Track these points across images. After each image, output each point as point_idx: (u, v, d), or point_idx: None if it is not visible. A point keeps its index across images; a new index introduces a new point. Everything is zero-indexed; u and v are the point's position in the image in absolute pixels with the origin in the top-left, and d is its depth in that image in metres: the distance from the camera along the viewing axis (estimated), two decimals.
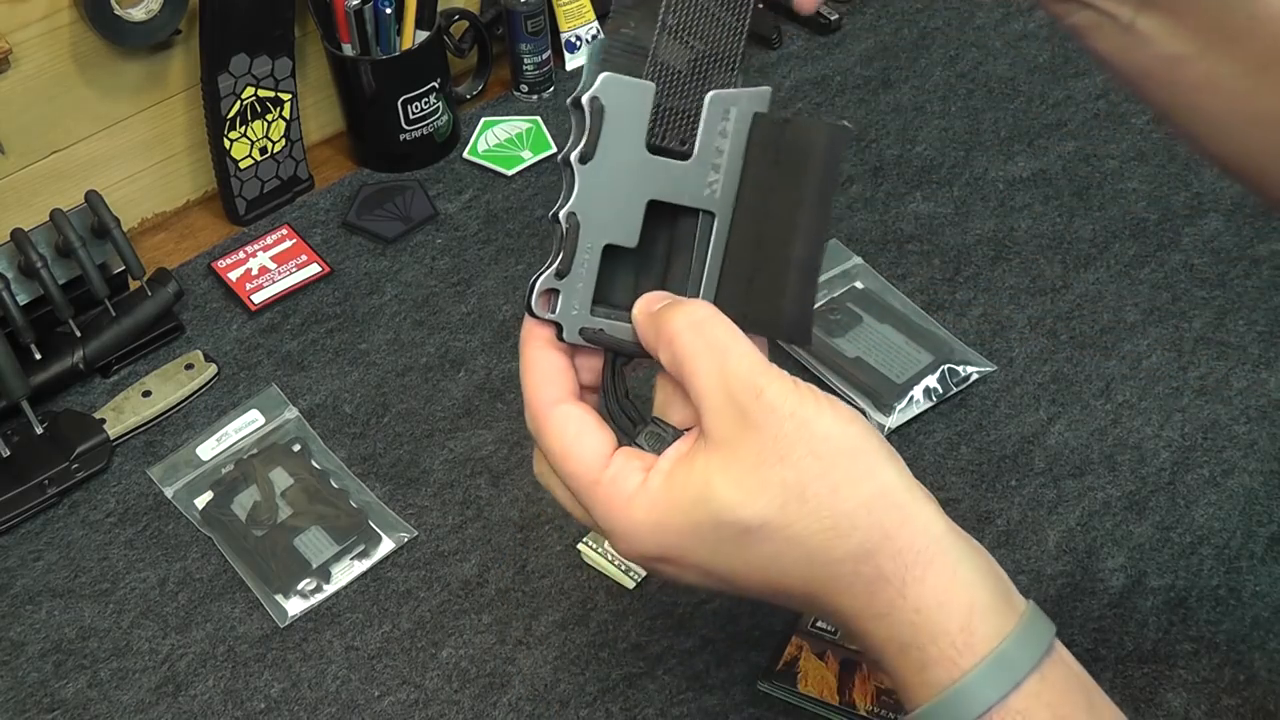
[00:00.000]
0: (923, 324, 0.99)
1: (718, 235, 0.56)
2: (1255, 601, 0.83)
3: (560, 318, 0.55)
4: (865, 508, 0.51)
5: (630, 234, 0.55)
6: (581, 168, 0.54)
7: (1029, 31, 1.25)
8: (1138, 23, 0.57)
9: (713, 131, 0.55)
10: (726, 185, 0.56)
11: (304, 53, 1.13)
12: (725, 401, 0.52)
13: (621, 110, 0.55)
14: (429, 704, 0.81)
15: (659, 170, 0.55)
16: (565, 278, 0.55)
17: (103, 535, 0.91)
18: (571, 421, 0.55)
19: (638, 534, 0.53)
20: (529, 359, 0.57)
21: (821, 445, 0.51)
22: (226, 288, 1.07)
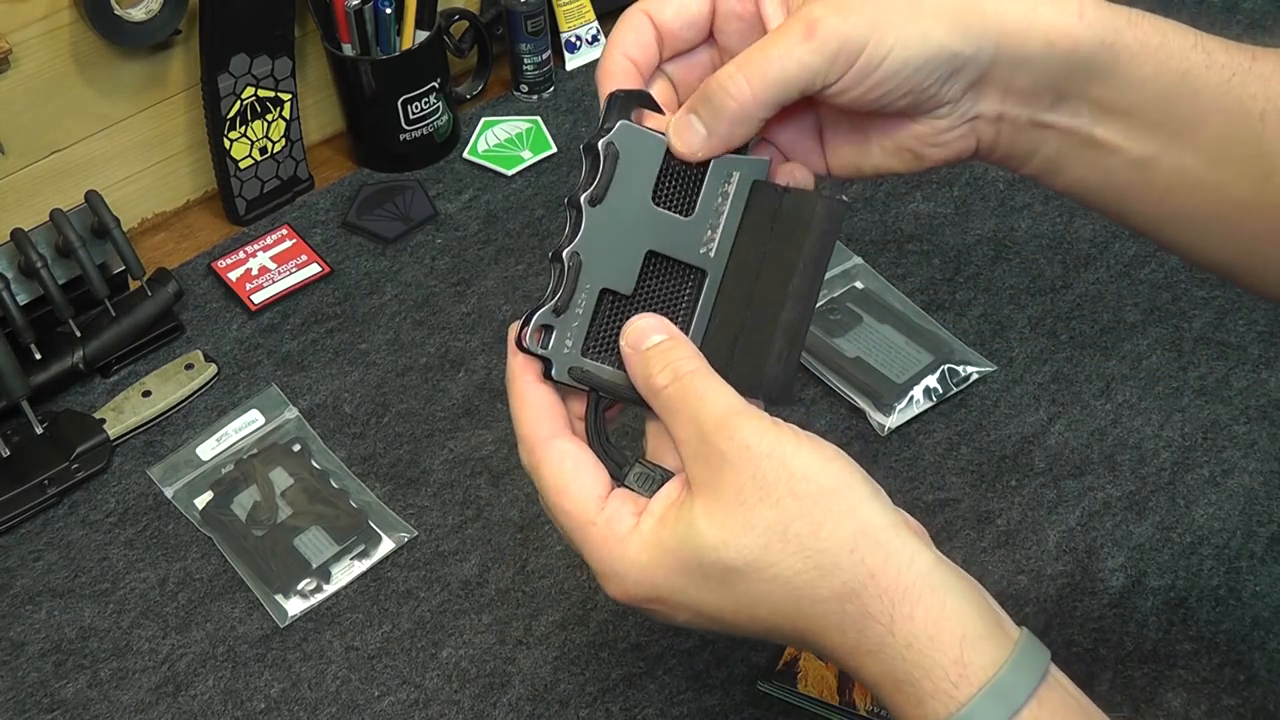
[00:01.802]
0: (923, 324, 0.99)
1: (708, 292, 0.58)
2: (1255, 601, 0.83)
3: (552, 354, 0.56)
4: (847, 547, 0.51)
5: (627, 280, 0.57)
6: (590, 210, 0.56)
7: None
8: (1097, 133, 0.57)
9: (714, 193, 0.57)
10: (721, 245, 0.58)
11: (304, 53, 1.13)
12: (702, 446, 0.53)
13: (633, 160, 0.56)
14: (429, 704, 0.81)
15: (660, 223, 0.57)
16: (562, 315, 0.56)
17: (103, 535, 0.91)
18: (568, 458, 0.56)
19: (629, 575, 0.54)
20: (521, 393, 0.57)
21: (801, 484, 0.52)
22: (226, 288, 1.07)
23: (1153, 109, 0.57)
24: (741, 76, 0.54)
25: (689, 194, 0.57)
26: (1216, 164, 0.58)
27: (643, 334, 0.56)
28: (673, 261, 0.57)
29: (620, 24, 0.59)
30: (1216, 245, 0.61)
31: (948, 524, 0.88)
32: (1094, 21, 0.55)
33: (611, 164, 0.56)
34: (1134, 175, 0.58)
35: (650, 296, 0.57)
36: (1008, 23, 0.54)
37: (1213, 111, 0.57)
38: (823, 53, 0.53)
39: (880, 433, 0.93)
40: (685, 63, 0.61)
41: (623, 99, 0.57)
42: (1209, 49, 0.57)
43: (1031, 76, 0.56)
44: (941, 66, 0.54)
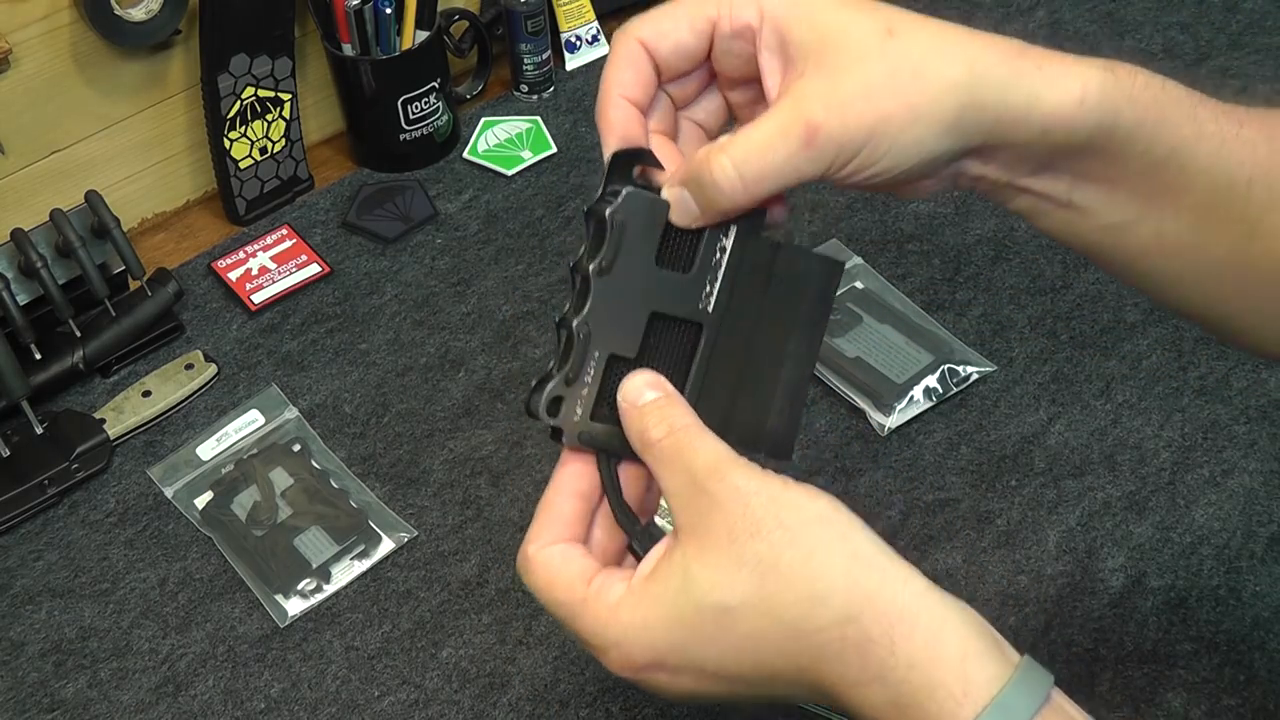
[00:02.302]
0: (923, 324, 0.99)
1: (704, 345, 0.58)
2: (1255, 601, 0.83)
3: (563, 423, 0.56)
4: (842, 572, 0.51)
5: (632, 345, 0.57)
6: (598, 280, 0.56)
7: (1029, 31, 1.25)
8: (1075, 198, 0.57)
9: (711, 247, 0.57)
10: (718, 299, 0.58)
11: (304, 53, 1.13)
12: (692, 491, 0.52)
13: (637, 225, 0.56)
14: (429, 704, 0.81)
15: (663, 283, 0.57)
16: (572, 385, 0.56)
17: (103, 535, 0.91)
18: (555, 557, 0.55)
19: (626, 637, 0.53)
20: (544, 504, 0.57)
21: (790, 515, 0.51)
22: (226, 288, 1.07)
23: (1138, 180, 0.56)
24: (735, 171, 0.54)
25: (689, 250, 0.57)
26: (1198, 228, 0.57)
27: (639, 391, 0.56)
28: (673, 320, 0.58)
29: (616, 56, 0.58)
30: (1190, 298, 0.61)
31: (948, 524, 0.88)
32: (1094, 107, 0.54)
33: (619, 235, 0.56)
34: (1109, 237, 0.58)
35: (653, 357, 0.57)
36: (1005, 115, 0.54)
37: (1199, 181, 0.56)
38: (820, 160, 0.53)
39: (880, 433, 0.93)
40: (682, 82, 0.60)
41: (625, 160, 0.56)
42: (1201, 119, 0.56)
43: (1019, 154, 0.56)
44: (932, 160, 0.54)
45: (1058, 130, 0.54)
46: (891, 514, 0.89)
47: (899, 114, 0.52)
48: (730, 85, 0.60)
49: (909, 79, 0.52)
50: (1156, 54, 1.21)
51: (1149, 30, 1.24)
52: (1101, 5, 1.27)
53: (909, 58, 0.53)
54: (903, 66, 0.53)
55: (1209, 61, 1.20)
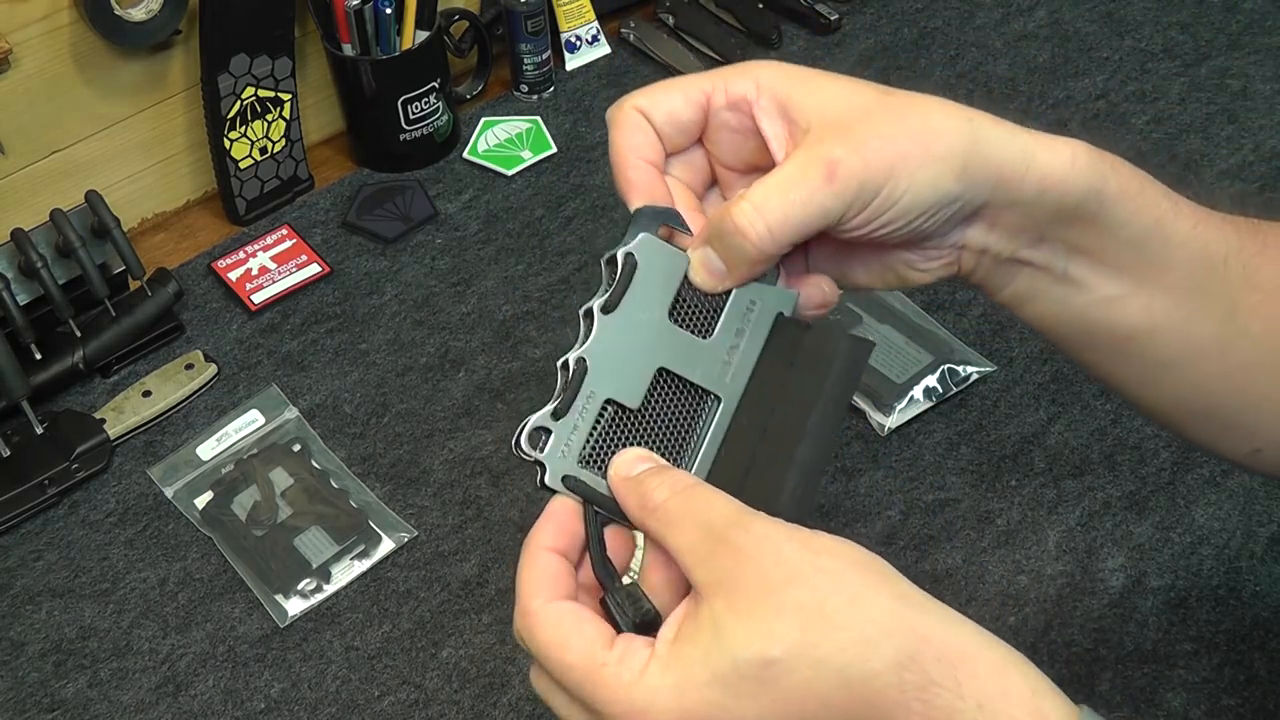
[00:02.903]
0: (923, 324, 0.99)
1: (720, 419, 0.55)
2: (1255, 601, 0.83)
3: (547, 458, 0.53)
4: (891, 614, 0.47)
5: (634, 394, 0.54)
6: (601, 317, 0.55)
7: (1029, 31, 1.25)
8: (1070, 270, 0.58)
9: (734, 318, 0.56)
10: (738, 373, 0.56)
11: (304, 53, 1.13)
12: (711, 545, 0.49)
13: (653, 273, 0.55)
14: (429, 704, 0.81)
15: (676, 340, 0.55)
16: (560, 420, 0.54)
17: (103, 535, 0.91)
18: (567, 615, 0.51)
19: (656, 703, 0.48)
20: (527, 558, 0.53)
21: (827, 561, 0.48)
22: (226, 288, 1.07)
23: (1126, 252, 0.58)
24: (760, 219, 0.53)
25: (709, 316, 0.56)
26: (1183, 303, 0.59)
27: (630, 464, 0.53)
28: (685, 382, 0.55)
29: (620, 123, 0.57)
30: (1174, 388, 0.61)
31: (948, 524, 0.88)
32: (1084, 168, 0.56)
33: (628, 274, 0.54)
34: (1101, 313, 0.59)
35: (658, 414, 0.55)
36: (1006, 168, 0.55)
37: (1180, 257, 0.58)
38: (843, 197, 0.52)
39: (880, 433, 0.93)
40: (680, 162, 0.60)
41: (649, 215, 0.55)
42: (1175, 199, 0.59)
43: (1021, 217, 0.56)
44: (945, 208, 0.55)
45: (1053, 190, 0.55)
46: (891, 514, 0.89)
47: (915, 153, 0.53)
48: (724, 168, 0.59)
49: (918, 125, 0.54)
50: (1156, 54, 1.21)
51: (1149, 30, 1.24)
52: (1101, 5, 1.27)
53: (913, 110, 0.54)
54: (910, 116, 0.54)
55: (1209, 61, 1.20)
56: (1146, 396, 0.63)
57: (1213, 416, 0.62)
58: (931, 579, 0.85)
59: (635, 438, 0.55)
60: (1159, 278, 0.58)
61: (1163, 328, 0.59)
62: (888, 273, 0.59)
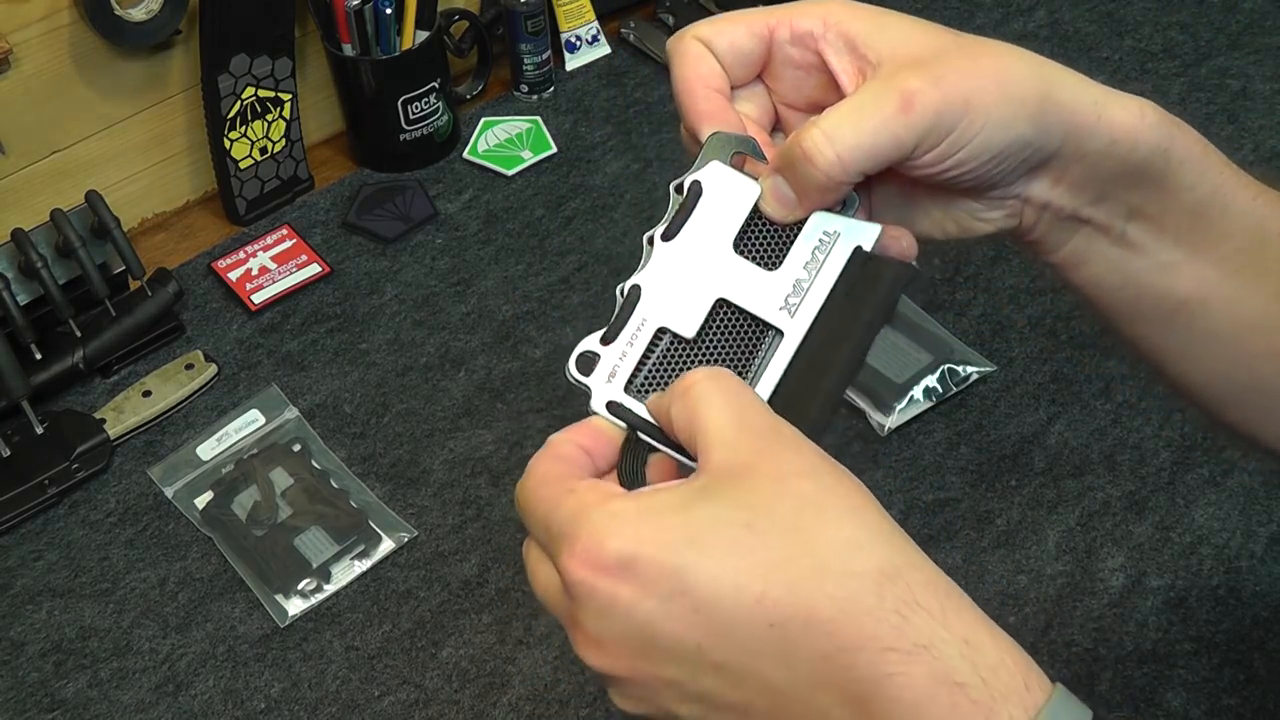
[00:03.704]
0: (923, 324, 0.99)
1: (781, 353, 0.53)
2: (1255, 601, 0.83)
3: (592, 383, 0.52)
4: (885, 536, 0.45)
5: (690, 324, 0.53)
6: (660, 244, 0.53)
7: (1029, 31, 1.25)
8: (1129, 232, 0.58)
9: (806, 251, 0.54)
10: (805, 310, 0.53)
11: (304, 53, 1.13)
12: (740, 434, 0.47)
13: (720, 202, 0.53)
14: (429, 704, 0.81)
15: (739, 271, 0.53)
16: (609, 345, 0.52)
17: (103, 535, 0.91)
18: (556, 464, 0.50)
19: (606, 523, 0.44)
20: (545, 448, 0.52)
21: (845, 478, 0.47)
22: (226, 288, 1.07)
23: (1185, 218, 0.57)
24: (829, 145, 0.51)
25: (779, 248, 0.54)
26: (1235, 276, 0.58)
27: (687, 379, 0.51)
28: (746, 314, 0.53)
29: (683, 55, 0.56)
30: (1218, 364, 0.61)
31: (948, 524, 0.88)
32: (1153, 125, 0.55)
33: (693, 201, 0.53)
34: (1155, 279, 0.58)
35: (714, 345, 0.53)
36: (1078, 116, 0.54)
37: (1237, 227, 0.58)
38: (917, 128, 0.51)
39: (880, 433, 0.93)
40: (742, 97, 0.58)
41: (723, 142, 0.53)
42: (1235, 170, 0.58)
43: (1087, 171, 0.55)
44: (1017, 153, 0.53)
45: (1122, 143, 0.54)
46: (891, 514, 0.88)
47: (991, 90, 0.51)
48: (786, 106, 0.58)
49: (993, 66, 0.52)
50: (1156, 54, 1.21)
51: (1149, 30, 1.24)
52: (1101, 5, 1.27)
53: (988, 51, 0.53)
54: (984, 56, 0.52)
55: (1209, 61, 1.20)
56: (1189, 372, 0.62)
57: (1254, 397, 0.61)
58: None
59: (688, 367, 0.53)
60: (1214, 248, 0.58)
61: (1213, 299, 0.58)
62: (949, 222, 0.58)
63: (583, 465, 0.51)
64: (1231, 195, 0.57)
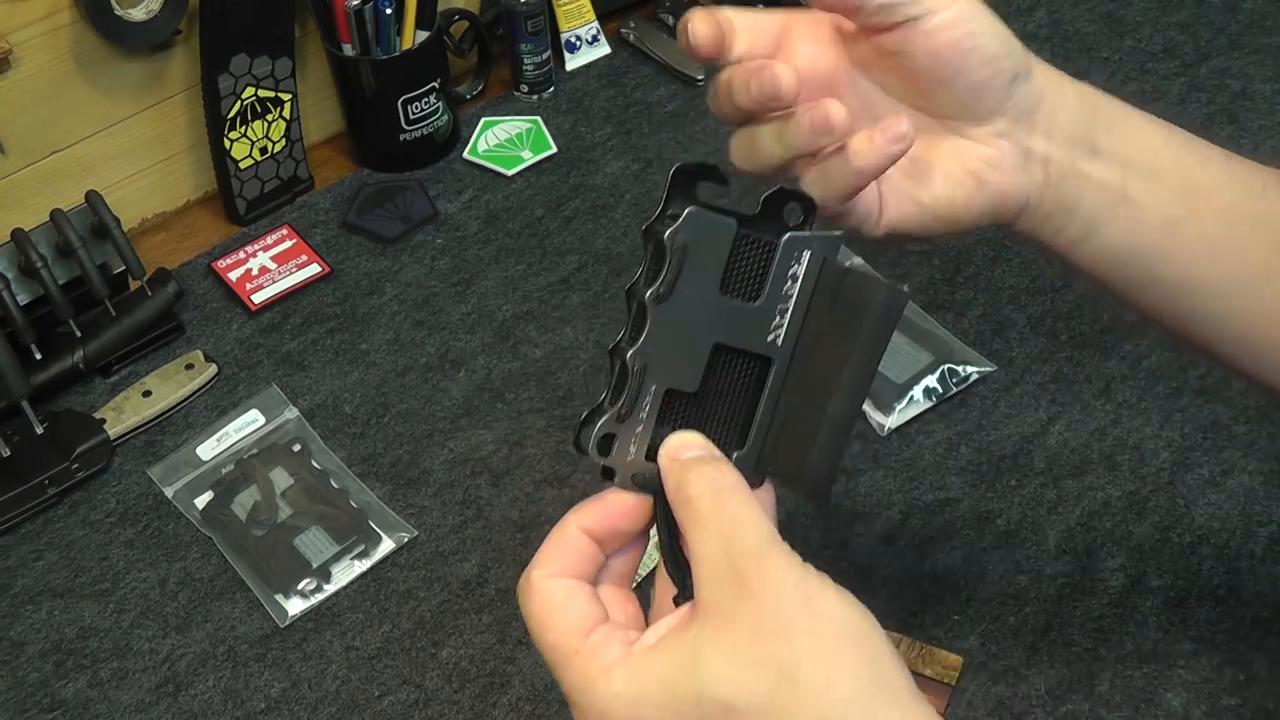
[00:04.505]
0: (923, 324, 0.99)
1: (774, 381, 0.54)
2: (1255, 601, 0.83)
3: (614, 463, 0.53)
4: (864, 697, 0.47)
5: (693, 379, 0.53)
6: (655, 308, 0.52)
7: (1029, 32, 1.25)
8: (1130, 190, 0.61)
9: (783, 275, 0.53)
10: (789, 331, 0.54)
11: (304, 53, 1.13)
12: (726, 570, 0.49)
13: (700, 248, 0.52)
14: (429, 704, 0.81)
15: (729, 312, 0.53)
16: (625, 421, 0.52)
17: (103, 535, 0.91)
18: (558, 592, 0.52)
19: (612, 708, 0.49)
20: (556, 529, 0.54)
21: (822, 624, 0.48)
22: (226, 288, 1.07)
23: (1173, 171, 0.61)
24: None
25: (758, 277, 0.53)
26: (1233, 231, 0.61)
27: (683, 446, 0.53)
28: (740, 352, 0.54)
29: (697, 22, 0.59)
30: (1235, 316, 0.63)
31: (948, 524, 0.88)
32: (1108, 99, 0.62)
33: (679, 259, 0.52)
34: (1163, 236, 0.61)
35: (716, 393, 0.54)
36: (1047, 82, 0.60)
37: (1223, 180, 0.62)
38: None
39: (880, 433, 0.93)
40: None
41: (687, 175, 0.53)
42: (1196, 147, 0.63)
43: (1071, 118, 0.60)
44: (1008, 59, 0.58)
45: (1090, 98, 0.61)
46: (891, 514, 0.89)
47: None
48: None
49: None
50: (1157, 54, 1.21)
51: (1149, 30, 1.24)
52: (1101, 5, 1.27)
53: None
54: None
55: (1209, 61, 1.20)
56: (1214, 337, 0.64)
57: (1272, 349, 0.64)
58: (932, 579, 0.85)
59: (695, 420, 0.53)
60: (1207, 202, 0.61)
61: (1218, 253, 0.61)
62: (966, 176, 0.60)
63: (593, 563, 0.54)
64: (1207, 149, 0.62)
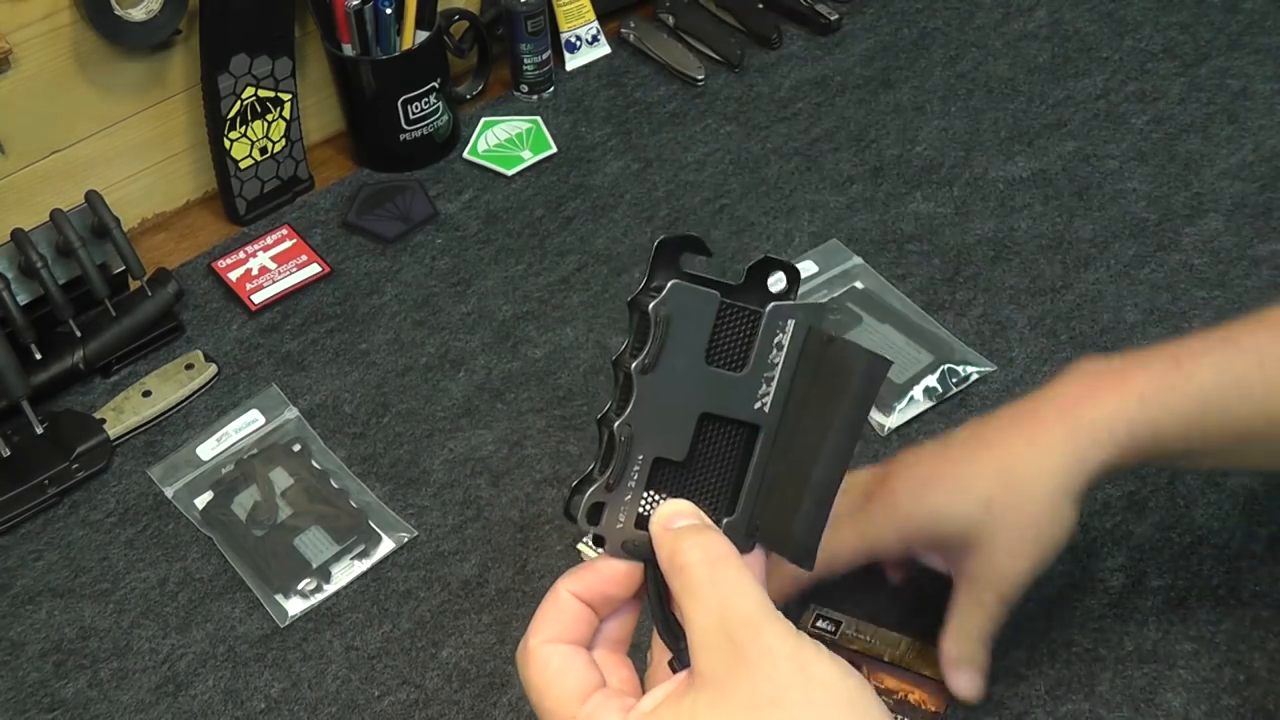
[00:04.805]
0: (923, 324, 0.99)
1: (761, 448, 0.55)
2: (1255, 601, 0.83)
3: (604, 531, 0.54)
4: None
5: (681, 448, 0.54)
6: (640, 379, 0.53)
7: (1029, 31, 1.25)
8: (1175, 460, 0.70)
9: (768, 344, 0.54)
10: (775, 398, 0.55)
11: (304, 53, 1.13)
12: (722, 639, 0.49)
13: (685, 319, 0.53)
14: (429, 704, 0.81)
15: (715, 382, 0.54)
16: (614, 490, 0.53)
17: (103, 535, 0.91)
18: (555, 658, 0.53)
19: None
20: (548, 596, 0.55)
21: (817, 692, 0.48)
22: (226, 288, 1.07)
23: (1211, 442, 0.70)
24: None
25: (742, 348, 0.54)
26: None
27: (675, 515, 0.54)
28: (727, 421, 0.55)
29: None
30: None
31: None
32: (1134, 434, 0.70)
33: (663, 330, 0.52)
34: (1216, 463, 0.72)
35: (704, 462, 0.55)
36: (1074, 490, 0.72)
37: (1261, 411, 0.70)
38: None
39: (880, 433, 0.93)
40: None
41: (671, 247, 0.54)
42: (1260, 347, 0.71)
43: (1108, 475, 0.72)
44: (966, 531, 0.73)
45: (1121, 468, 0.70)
46: None
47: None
48: None
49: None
50: (1156, 54, 1.21)
51: (1149, 30, 1.24)
52: (1101, 5, 1.27)
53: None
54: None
55: (1209, 61, 1.20)
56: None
57: None
58: (932, 579, 0.85)
59: (684, 489, 0.55)
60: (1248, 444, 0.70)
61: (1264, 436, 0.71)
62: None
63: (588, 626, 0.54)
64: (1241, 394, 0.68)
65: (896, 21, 1.27)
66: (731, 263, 1.04)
